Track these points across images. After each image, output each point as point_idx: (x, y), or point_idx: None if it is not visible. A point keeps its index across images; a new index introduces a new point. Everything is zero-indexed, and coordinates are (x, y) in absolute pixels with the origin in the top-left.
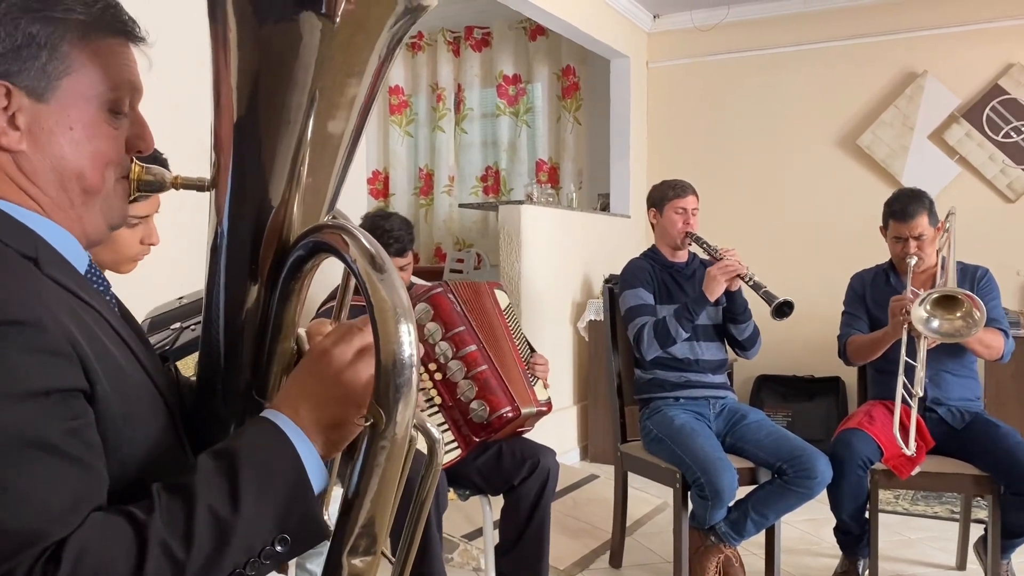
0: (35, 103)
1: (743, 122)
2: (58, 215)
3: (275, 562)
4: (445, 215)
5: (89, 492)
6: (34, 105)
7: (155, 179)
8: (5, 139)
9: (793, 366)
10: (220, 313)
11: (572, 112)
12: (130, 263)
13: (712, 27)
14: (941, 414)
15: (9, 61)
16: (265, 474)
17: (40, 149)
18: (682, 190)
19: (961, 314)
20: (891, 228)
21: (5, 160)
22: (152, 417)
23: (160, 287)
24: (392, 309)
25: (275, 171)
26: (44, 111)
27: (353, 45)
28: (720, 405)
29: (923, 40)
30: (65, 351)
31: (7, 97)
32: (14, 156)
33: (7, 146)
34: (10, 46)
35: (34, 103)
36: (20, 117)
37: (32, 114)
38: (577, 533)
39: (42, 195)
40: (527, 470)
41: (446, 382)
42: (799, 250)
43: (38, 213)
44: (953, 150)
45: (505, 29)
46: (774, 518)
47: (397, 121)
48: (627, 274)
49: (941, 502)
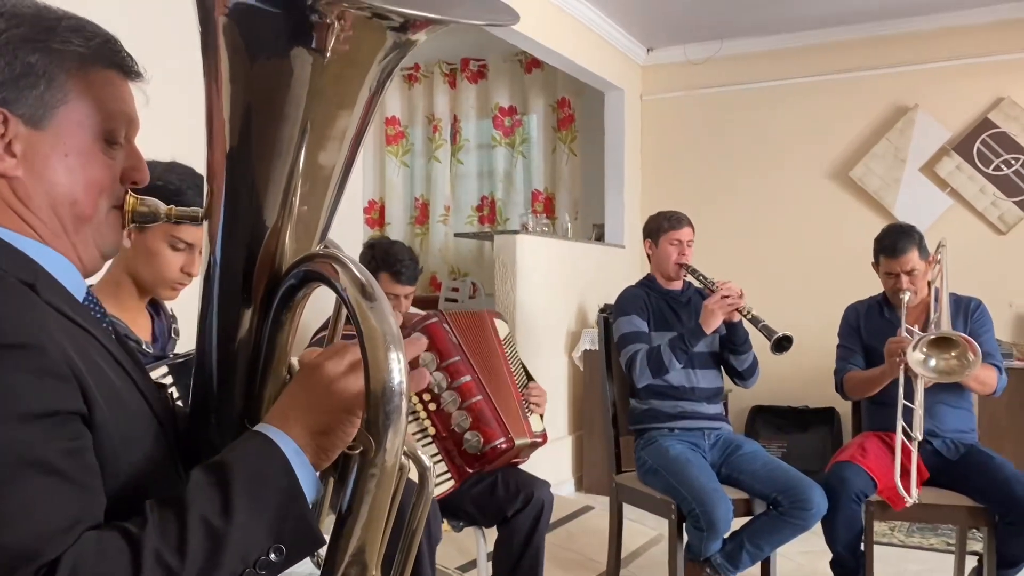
0: (31, 130)
1: (736, 154)
2: (54, 241)
3: (271, 572)
4: (441, 244)
5: (86, 512)
6: (30, 132)
7: (149, 210)
8: (2, 165)
9: (788, 397)
10: (213, 340)
11: (567, 143)
12: (168, 289)
13: (705, 60)
14: (936, 446)
15: (7, 89)
16: (257, 483)
17: (35, 175)
18: (677, 222)
19: (956, 354)
20: (882, 264)
21: (2, 186)
22: (149, 442)
23: None
24: (382, 337)
25: (267, 201)
26: (40, 138)
27: (344, 78)
28: (715, 436)
29: (914, 74)
30: (65, 374)
31: (4, 124)
32: (10, 182)
33: (3, 172)
34: (9, 75)
35: (30, 131)
36: (16, 144)
37: (28, 141)
38: (571, 565)
39: (37, 220)
40: (521, 502)
41: (440, 412)
42: (793, 281)
43: (36, 240)
44: (944, 182)
45: (501, 61)
46: (769, 550)
47: (393, 151)
48: (622, 302)
49: (936, 534)
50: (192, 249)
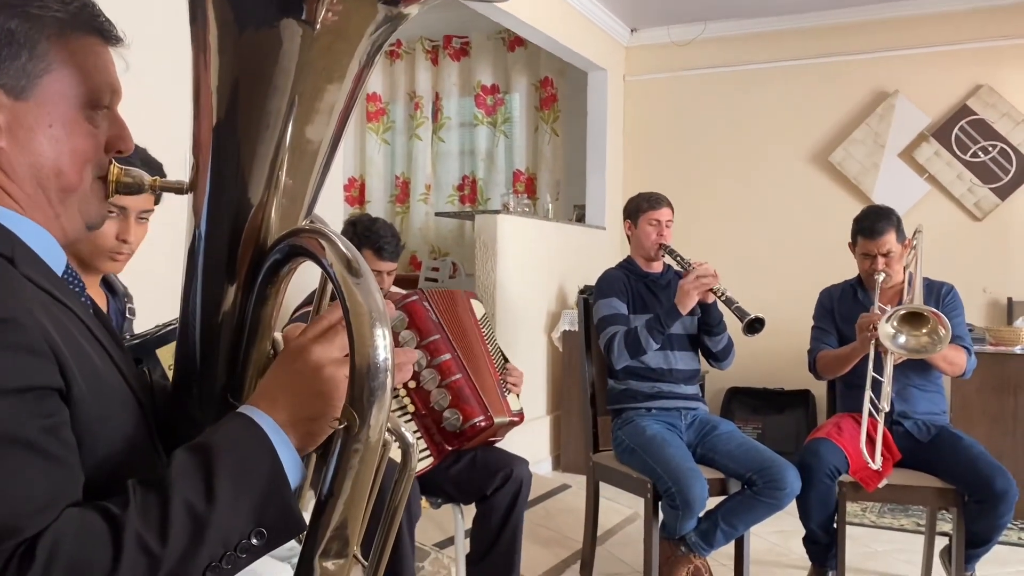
0: (14, 101)
1: (718, 136)
2: (36, 213)
3: (251, 556)
4: (421, 223)
5: (65, 489)
6: (13, 103)
7: (133, 181)
8: None
9: (764, 379)
10: (197, 315)
11: (550, 123)
12: (107, 260)
13: (689, 42)
14: (907, 427)
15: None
16: (241, 467)
17: (19, 146)
18: (656, 202)
19: (927, 331)
20: (859, 245)
21: None
22: (127, 418)
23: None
24: (368, 313)
25: (253, 175)
26: (23, 109)
27: (333, 51)
28: (691, 416)
29: (895, 60)
30: (42, 349)
31: None
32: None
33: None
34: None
35: (13, 101)
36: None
37: (11, 112)
38: (548, 542)
39: (20, 192)
40: (500, 480)
41: (419, 390)
42: (770, 263)
43: (16, 212)
44: (923, 168)
45: (484, 39)
46: (743, 528)
47: (374, 128)
48: (602, 284)
49: (907, 515)
50: (126, 214)
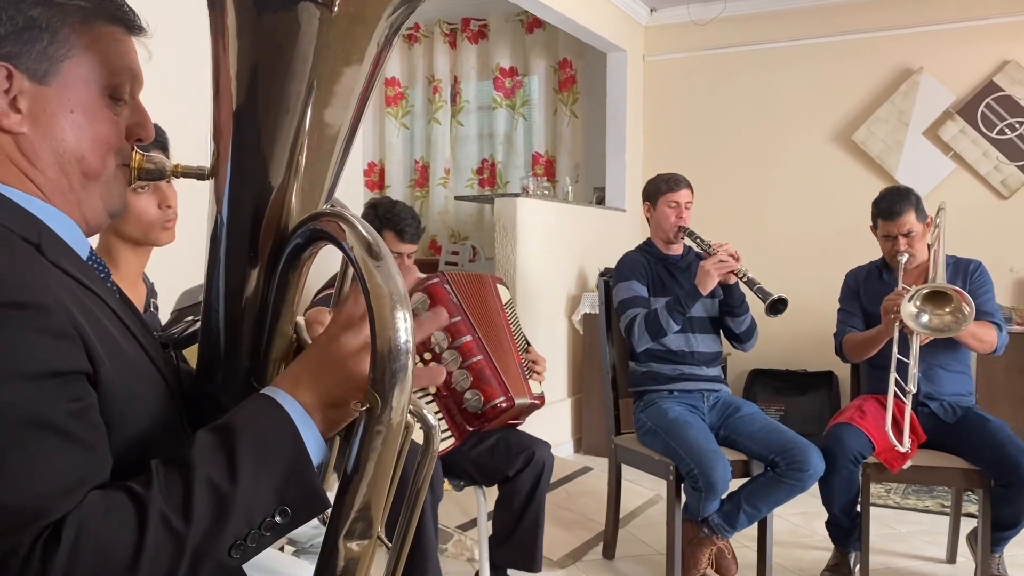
0: (37, 86)
1: (739, 117)
2: (58, 199)
3: (276, 534)
4: (440, 207)
5: (91, 472)
6: (36, 88)
7: (156, 167)
8: (7, 121)
9: (786, 360)
10: (220, 300)
11: (569, 105)
12: (161, 231)
13: (709, 21)
14: (933, 408)
15: (11, 43)
16: (263, 446)
17: (41, 131)
18: (676, 184)
19: (950, 309)
20: (880, 227)
21: (7, 142)
22: (155, 400)
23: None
24: (388, 296)
25: (274, 159)
26: (45, 94)
27: (351, 34)
28: (714, 398)
29: (919, 36)
30: (69, 333)
31: (8, 80)
32: (15, 138)
33: (9, 128)
34: (12, 29)
35: (36, 86)
36: (22, 100)
37: (34, 97)
38: (570, 525)
39: (42, 177)
40: (522, 462)
41: None
42: (793, 245)
43: (40, 199)
44: (948, 146)
45: (502, 22)
46: (766, 510)
47: (393, 113)
48: (622, 267)
49: (932, 496)
50: (156, 184)
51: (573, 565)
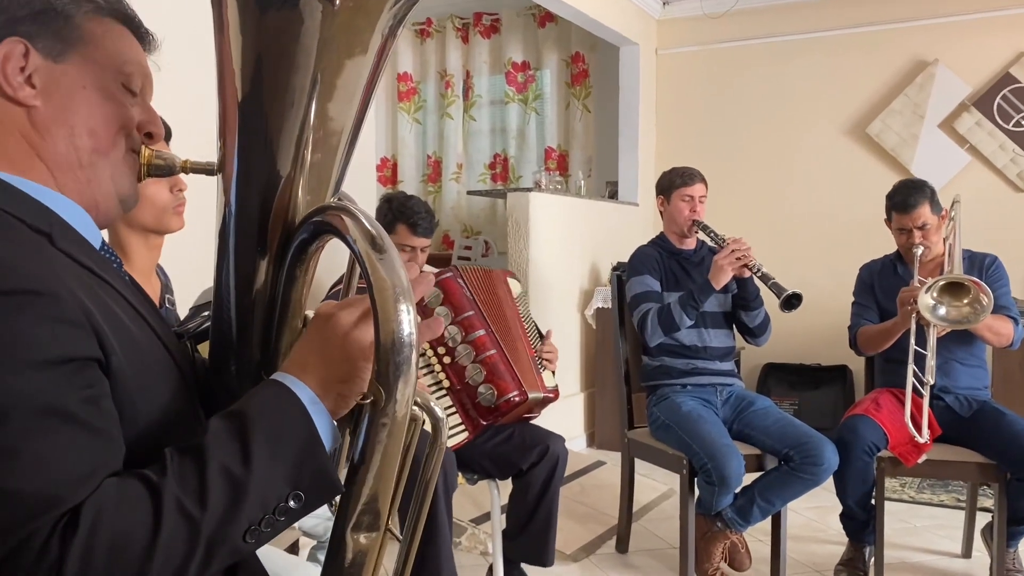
0: (50, 63)
1: (752, 110)
2: (68, 177)
3: (290, 518)
4: (453, 202)
5: (105, 459)
6: (49, 65)
7: (165, 163)
8: (22, 93)
9: (800, 354)
10: (230, 293)
11: (581, 99)
12: (172, 215)
13: (722, 14)
14: (948, 402)
15: (28, 23)
16: (275, 431)
17: (53, 105)
18: (689, 178)
19: (968, 300)
20: (894, 220)
21: (19, 116)
22: (168, 389)
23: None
24: (391, 288)
25: (280, 153)
26: (59, 70)
27: (354, 27)
28: (727, 392)
29: (934, 28)
30: (80, 321)
31: (25, 57)
32: (28, 112)
33: (23, 100)
34: (29, 11)
35: (49, 63)
36: (36, 76)
37: (47, 73)
38: (584, 518)
39: (52, 152)
40: (536, 456)
41: (454, 365)
42: (807, 239)
43: (51, 187)
44: (963, 139)
45: (514, 16)
46: (780, 504)
47: (405, 108)
48: (634, 261)
49: (947, 490)
50: None
51: (586, 559)
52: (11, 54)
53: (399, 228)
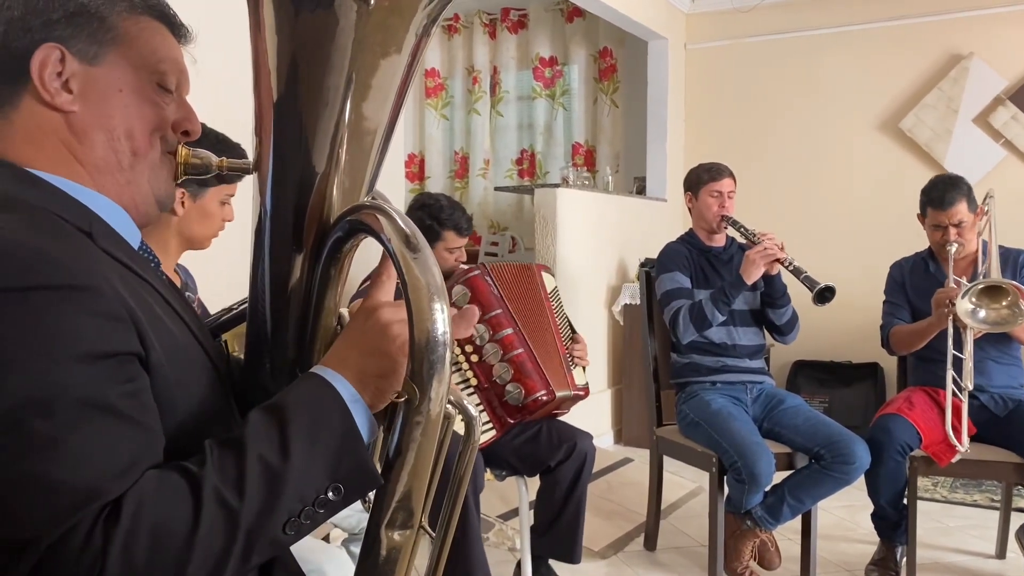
0: (87, 67)
1: (782, 105)
2: (107, 179)
3: (329, 511)
4: (480, 198)
5: (146, 452)
6: (85, 68)
7: (202, 162)
8: (60, 99)
9: (831, 352)
10: (266, 290)
11: (609, 94)
12: (211, 239)
13: (752, 8)
14: (983, 401)
15: (62, 27)
16: (314, 424)
17: (91, 109)
18: (718, 173)
19: (1007, 303)
20: (929, 216)
21: (58, 122)
22: (205, 385)
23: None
24: (426, 288)
25: (314, 152)
26: (95, 73)
27: (388, 26)
28: (757, 390)
29: (969, 21)
30: (121, 316)
31: (61, 62)
32: (66, 117)
33: (61, 106)
34: (63, 14)
35: (86, 67)
36: (73, 81)
37: (83, 77)
38: (611, 515)
39: (91, 156)
40: (564, 453)
41: (482, 364)
42: (838, 235)
43: (91, 187)
44: (999, 133)
45: (541, 11)
46: (810, 503)
47: (433, 104)
48: (664, 258)
49: (981, 490)
50: (228, 199)
51: (615, 556)
52: (47, 60)
53: (447, 234)
